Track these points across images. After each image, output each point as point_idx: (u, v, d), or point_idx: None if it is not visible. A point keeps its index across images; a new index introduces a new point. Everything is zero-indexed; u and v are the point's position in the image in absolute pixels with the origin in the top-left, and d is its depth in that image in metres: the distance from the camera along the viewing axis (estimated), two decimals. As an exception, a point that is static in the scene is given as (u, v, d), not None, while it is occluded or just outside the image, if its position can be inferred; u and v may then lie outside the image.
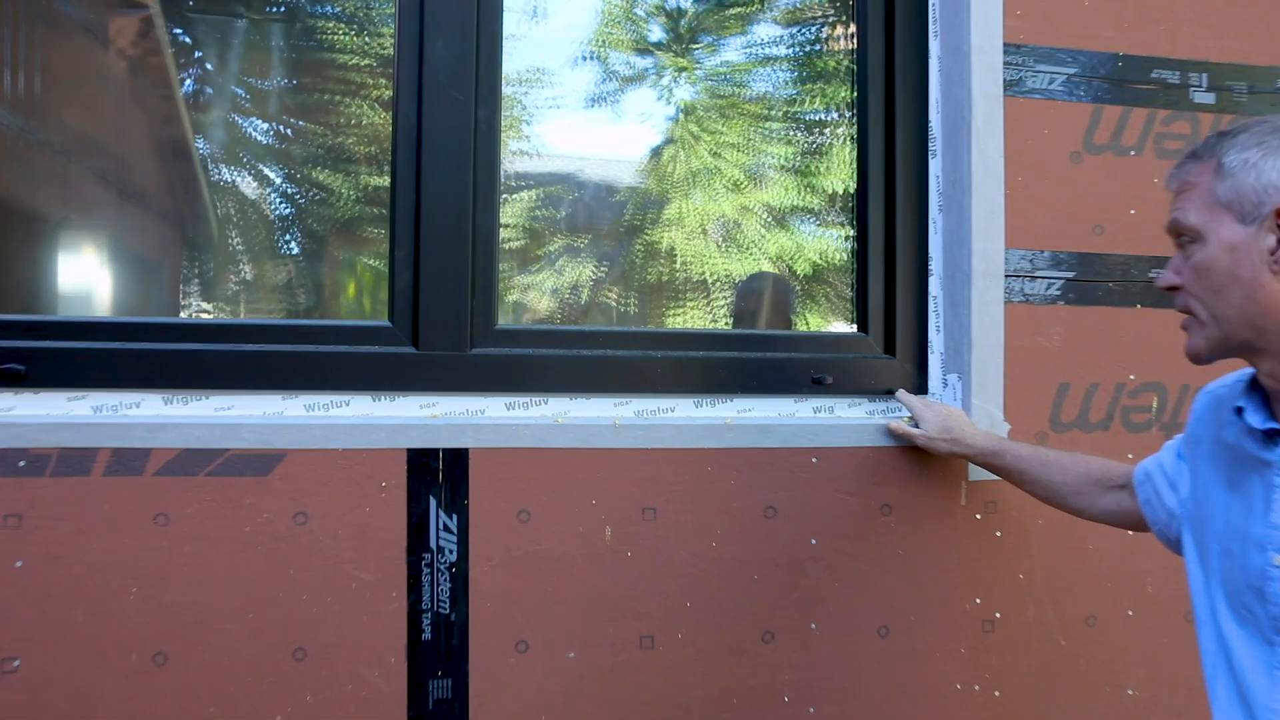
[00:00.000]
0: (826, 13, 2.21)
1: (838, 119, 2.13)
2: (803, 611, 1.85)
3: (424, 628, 1.71)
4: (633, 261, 2.15)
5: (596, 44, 2.16)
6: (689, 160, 2.21)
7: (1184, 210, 1.24)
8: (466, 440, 1.72)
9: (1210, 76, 2.04)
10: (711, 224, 2.18)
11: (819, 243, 2.25)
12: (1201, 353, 1.25)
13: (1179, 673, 2.02)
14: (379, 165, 2.16)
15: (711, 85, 2.28)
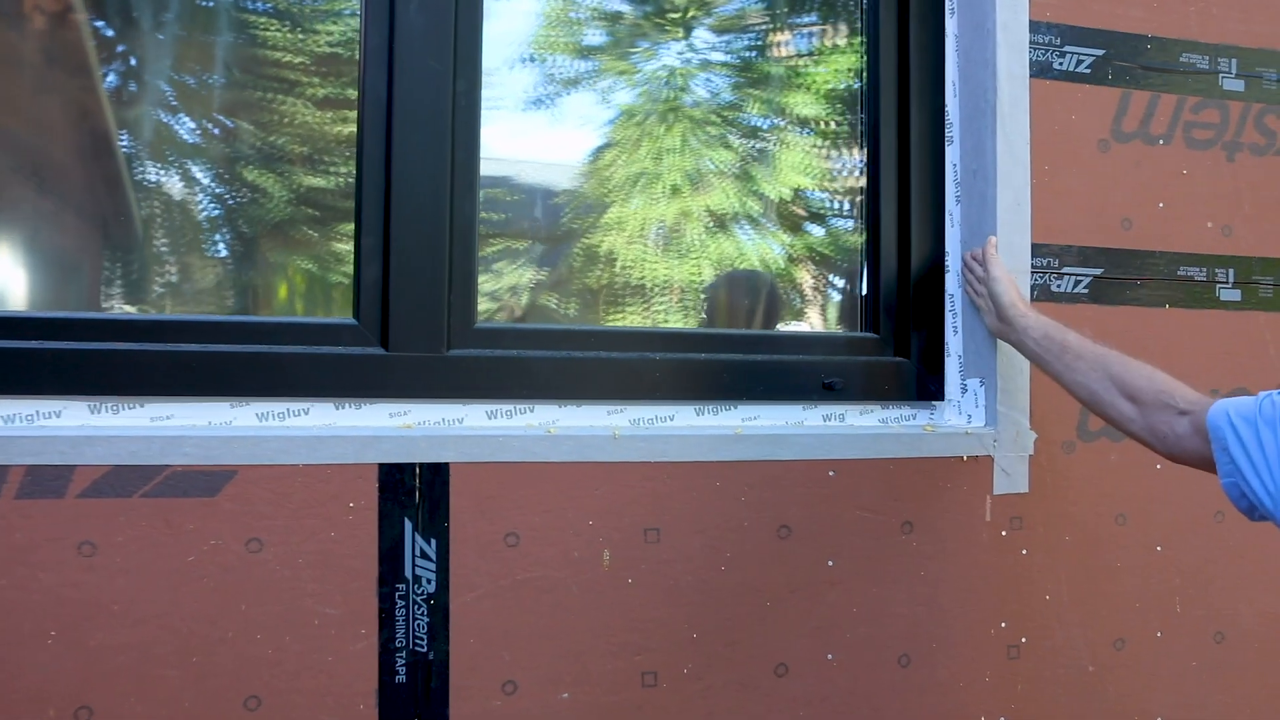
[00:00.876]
0: (766, 18, 2.11)
1: (780, 124, 2.03)
2: (819, 641, 1.67)
3: (398, 669, 1.49)
4: (572, 265, 2.02)
5: (536, 46, 2.05)
6: (629, 164, 2.10)
7: None
8: (447, 454, 1.51)
9: (1240, 62, 1.92)
10: (652, 228, 2.06)
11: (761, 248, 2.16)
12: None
13: (1208, 696, 1.89)
14: (314, 165, 1.98)
15: (651, 89, 2.19)
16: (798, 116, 2.08)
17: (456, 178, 1.63)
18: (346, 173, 1.98)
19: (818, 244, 2.10)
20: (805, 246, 2.08)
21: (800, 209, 2.11)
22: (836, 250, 2.01)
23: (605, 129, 2.17)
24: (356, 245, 1.60)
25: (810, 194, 2.09)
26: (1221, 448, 1.35)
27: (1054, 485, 1.80)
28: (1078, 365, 1.55)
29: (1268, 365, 1.93)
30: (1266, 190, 1.94)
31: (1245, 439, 1.32)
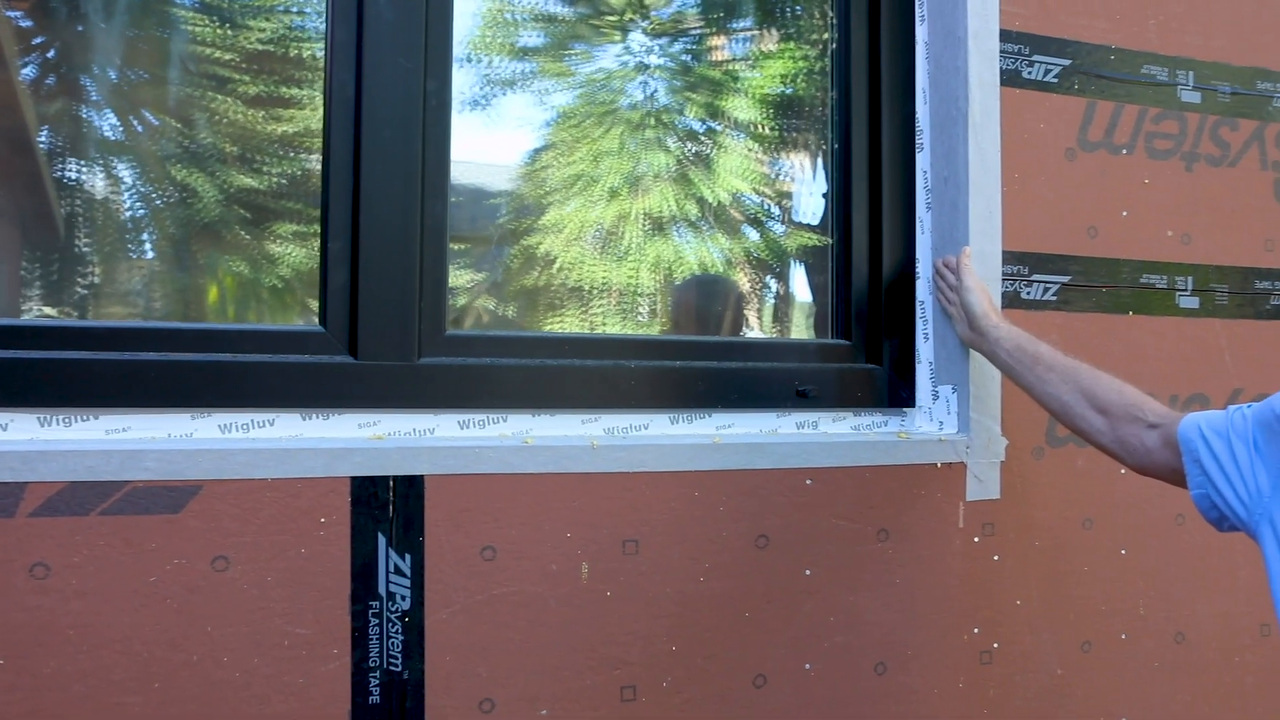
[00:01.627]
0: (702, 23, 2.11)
1: (718, 128, 2.03)
2: (796, 651, 1.66)
3: (371, 689, 1.43)
4: (509, 267, 1.99)
5: (472, 47, 2.02)
6: (566, 166, 2.08)
7: None
8: (421, 465, 1.46)
9: (1196, 75, 1.96)
10: (590, 231, 2.05)
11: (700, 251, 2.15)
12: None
13: (1170, 696, 1.93)
14: (246, 165, 1.91)
15: (588, 92, 2.17)
16: (735, 120, 2.08)
17: (427, 180, 1.59)
18: (280, 173, 1.91)
19: (755, 247, 2.10)
20: (744, 250, 2.07)
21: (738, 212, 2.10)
22: (773, 254, 2.00)
23: (542, 131, 2.14)
24: (323, 250, 1.54)
25: (747, 197, 2.09)
26: (1194, 460, 1.37)
27: (1024, 491, 1.81)
28: (1049, 378, 1.55)
29: (1223, 370, 1.97)
30: (1222, 200, 1.99)
31: (1218, 451, 1.34)
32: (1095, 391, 1.51)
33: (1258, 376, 1.99)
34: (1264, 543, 1.26)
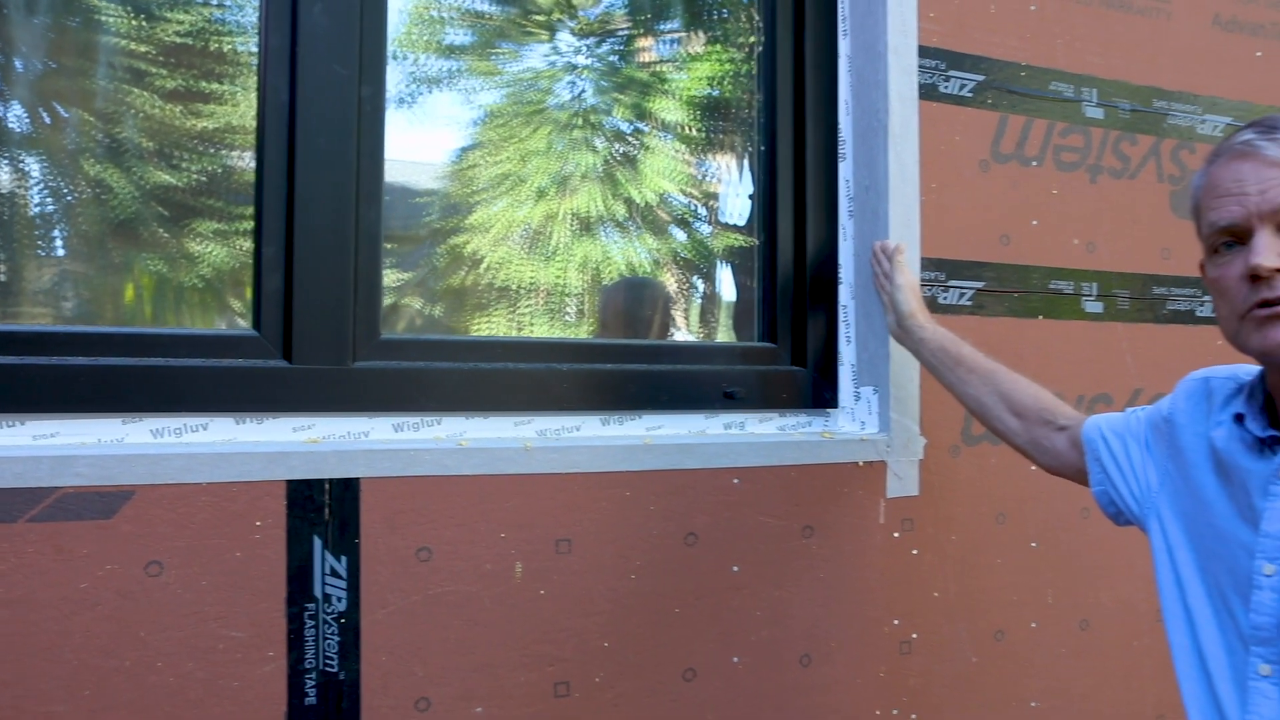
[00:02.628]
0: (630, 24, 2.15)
1: (645, 129, 2.07)
2: (725, 645, 1.71)
3: (307, 690, 1.45)
4: (435, 267, 2.01)
5: (398, 44, 2.02)
6: (493, 166, 2.10)
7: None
8: (357, 469, 1.48)
9: (1100, 92, 2.07)
10: (517, 230, 2.07)
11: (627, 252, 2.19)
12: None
13: (1076, 679, 2.03)
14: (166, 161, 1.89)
15: (515, 91, 2.19)
16: (662, 121, 2.12)
17: (362, 185, 1.60)
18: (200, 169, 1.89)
19: (682, 248, 2.14)
20: (670, 251, 2.12)
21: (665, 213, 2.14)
22: (699, 255, 2.05)
23: (470, 130, 2.15)
24: (256, 255, 1.55)
25: (674, 198, 2.13)
26: (1095, 459, 1.46)
27: (941, 488, 1.89)
28: (969, 379, 1.63)
29: (1125, 372, 2.08)
30: (1123, 211, 2.09)
31: (1115, 451, 1.43)
32: (1012, 395, 1.60)
33: (1157, 377, 2.11)
34: (1152, 535, 1.35)
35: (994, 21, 1.95)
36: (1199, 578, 1.26)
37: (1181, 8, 2.16)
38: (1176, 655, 1.28)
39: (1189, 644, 1.26)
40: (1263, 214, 1.11)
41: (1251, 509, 1.18)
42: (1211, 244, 1.18)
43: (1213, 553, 1.24)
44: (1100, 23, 2.07)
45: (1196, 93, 2.18)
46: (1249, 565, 1.17)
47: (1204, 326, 2.17)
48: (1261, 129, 1.14)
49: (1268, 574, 1.15)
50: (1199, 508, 1.27)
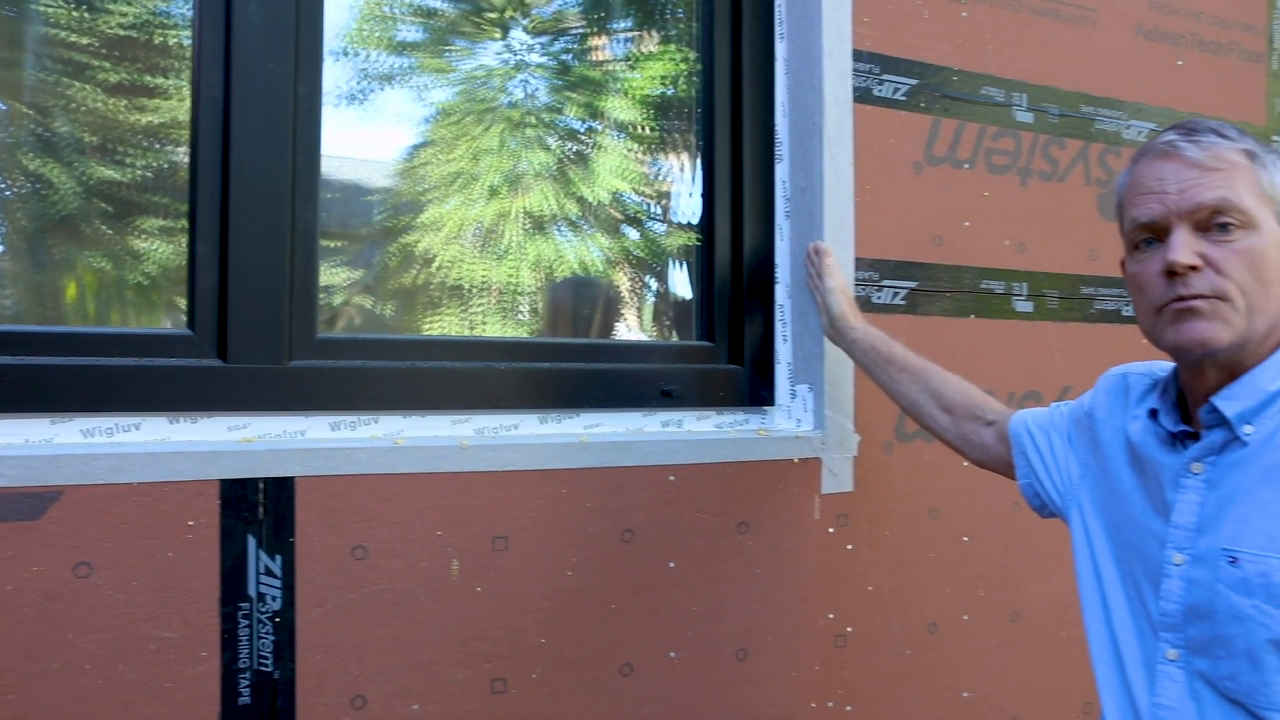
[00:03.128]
0: (585, 22, 2.16)
1: (598, 128, 2.09)
2: (661, 640, 1.73)
3: (241, 690, 1.44)
4: (387, 265, 2.00)
5: (349, 40, 2.02)
6: (446, 164, 2.10)
7: (1234, 190, 1.14)
8: (293, 468, 1.48)
9: (1030, 97, 2.12)
10: (469, 229, 2.08)
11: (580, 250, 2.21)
12: (1222, 342, 1.14)
13: (1007, 670, 2.08)
14: (109, 156, 1.87)
15: (468, 89, 2.19)
16: (616, 120, 2.13)
17: (298, 184, 1.60)
18: (144, 165, 1.86)
19: (635, 247, 2.16)
20: (623, 249, 2.13)
21: (618, 211, 2.15)
22: (652, 253, 2.07)
23: (421, 127, 2.14)
24: (190, 253, 1.54)
25: (627, 197, 2.14)
26: (1021, 453, 1.50)
27: (875, 484, 1.93)
28: (901, 378, 1.67)
29: (1055, 369, 2.14)
30: (1053, 212, 2.15)
31: (1040, 445, 1.48)
32: (942, 392, 1.64)
33: (1085, 375, 2.15)
34: (1073, 526, 1.40)
35: (927, 27, 1.99)
36: (1115, 567, 1.30)
37: (1107, 17, 2.23)
38: (1092, 641, 1.33)
39: (1104, 630, 1.31)
40: (1181, 213, 1.15)
41: (1164, 501, 1.22)
42: (1132, 240, 1.22)
43: (1128, 543, 1.28)
44: (1030, 30, 2.12)
45: (1122, 99, 2.24)
46: (1160, 555, 1.22)
47: (1130, 325, 2.23)
48: (1184, 131, 1.18)
49: (1177, 563, 1.19)
50: (1116, 499, 1.32)
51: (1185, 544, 1.19)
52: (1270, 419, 1.15)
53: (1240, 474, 1.15)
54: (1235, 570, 1.13)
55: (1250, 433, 1.15)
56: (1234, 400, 1.16)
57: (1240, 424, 1.15)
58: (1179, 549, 1.20)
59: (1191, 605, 1.17)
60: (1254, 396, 1.15)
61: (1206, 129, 1.17)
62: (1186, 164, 1.16)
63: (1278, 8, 2.49)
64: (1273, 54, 2.48)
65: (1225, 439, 1.17)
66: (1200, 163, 1.15)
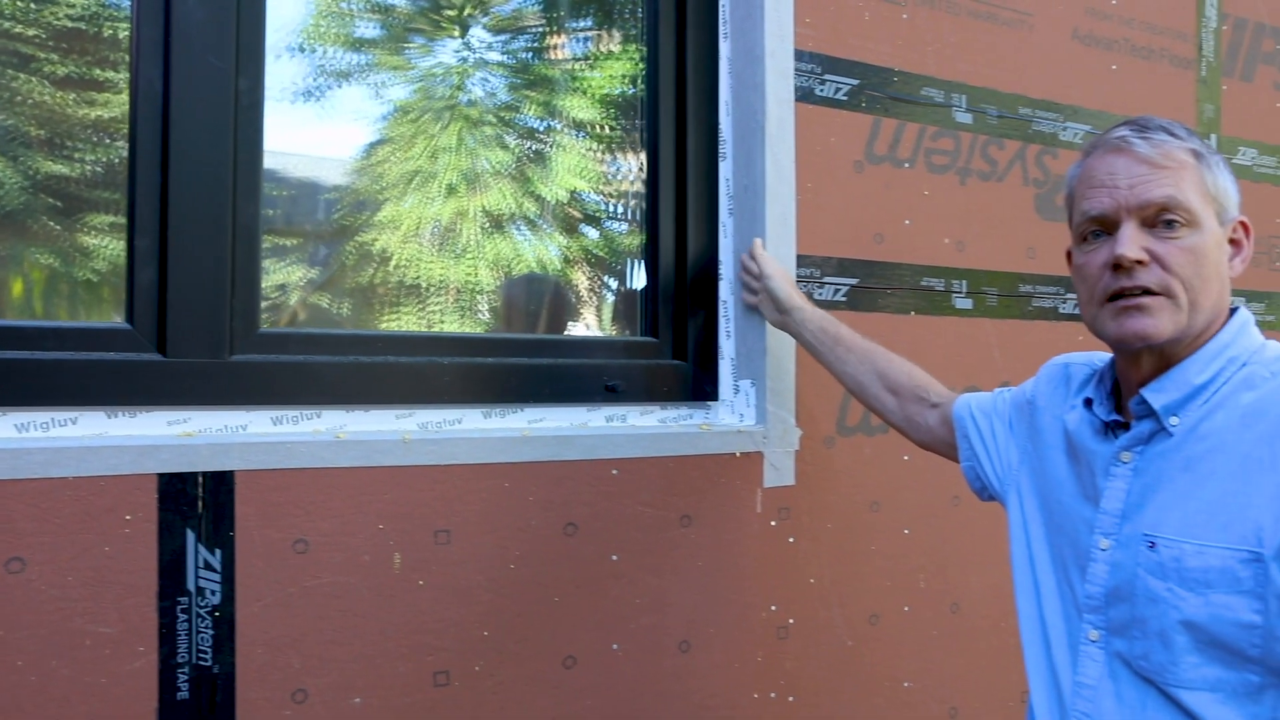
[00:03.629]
0: (544, 20, 2.17)
1: (557, 127, 2.10)
2: (604, 632, 1.75)
3: (179, 685, 1.44)
4: (344, 264, 2.00)
5: (306, 36, 2.01)
6: (403, 162, 2.10)
7: (1181, 189, 1.18)
8: (232, 462, 1.47)
9: (969, 98, 2.16)
10: (427, 227, 2.08)
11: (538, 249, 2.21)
12: (1164, 335, 1.18)
13: (947, 660, 2.12)
14: (55, 150, 1.85)
15: (426, 86, 2.19)
16: (574, 119, 2.14)
17: (239, 178, 1.59)
18: (94, 160, 1.84)
19: (594, 246, 2.17)
20: (582, 248, 2.14)
21: (577, 210, 2.16)
22: (611, 252, 2.09)
23: (379, 125, 2.13)
24: (129, 247, 1.53)
25: (586, 196, 2.15)
26: (964, 436, 1.54)
27: (817, 478, 1.96)
28: (848, 359, 1.71)
29: (993, 365, 2.18)
30: (991, 211, 2.20)
31: (982, 429, 1.52)
32: (888, 373, 1.68)
33: (1022, 371, 2.20)
34: (1010, 510, 1.44)
35: (868, 28, 2.03)
36: (1047, 551, 1.34)
37: (1043, 21, 2.28)
38: (1023, 623, 1.37)
39: (1035, 612, 1.35)
40: (1130, 207, 1.19)
41: (1095, 488, 1.27)
42: (1081, 232, 1.25)
43: (1060, 528, 1.32)
44: (969, 32, 2.16)
45: (1059, 101, 2.30)
46: (1089, 540, 1.26)
47: (1066, 322, 2.29)
48: (1136, 127, 1.22)
49: (1103, 548, 1.24)
50: (1051, 486, 1.36)
51: (1111, 530, 1.23)
52: (1194, 411, 1.19)
53: (1164, 463, 1.20)
54: (1153, 555, 1.17)
55: (1176, 424, 1.19)
56: (1162, 392, 1.20)
57: (1167, 415, 1.20)
58: (1105, 534, 1.24)
59: (1113, 588, 1.22)
60: (1181, 389, 1.19)
61: (1158, 126, 1.21)
62: (1138, 160, 1.19)
63: (1206, 17, 2.56)
64: (1201, 61, 2.55)
65: (1153, 429, 1.21)
66: (1151, 160, 1.18)
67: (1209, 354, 1.19)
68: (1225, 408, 1.17)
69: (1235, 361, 1.18)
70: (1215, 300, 1.19)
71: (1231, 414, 1.16)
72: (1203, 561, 1.13)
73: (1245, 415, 1.15)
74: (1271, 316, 2.66)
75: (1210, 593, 1.12)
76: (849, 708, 2.00)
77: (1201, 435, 1.17)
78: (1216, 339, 1.20)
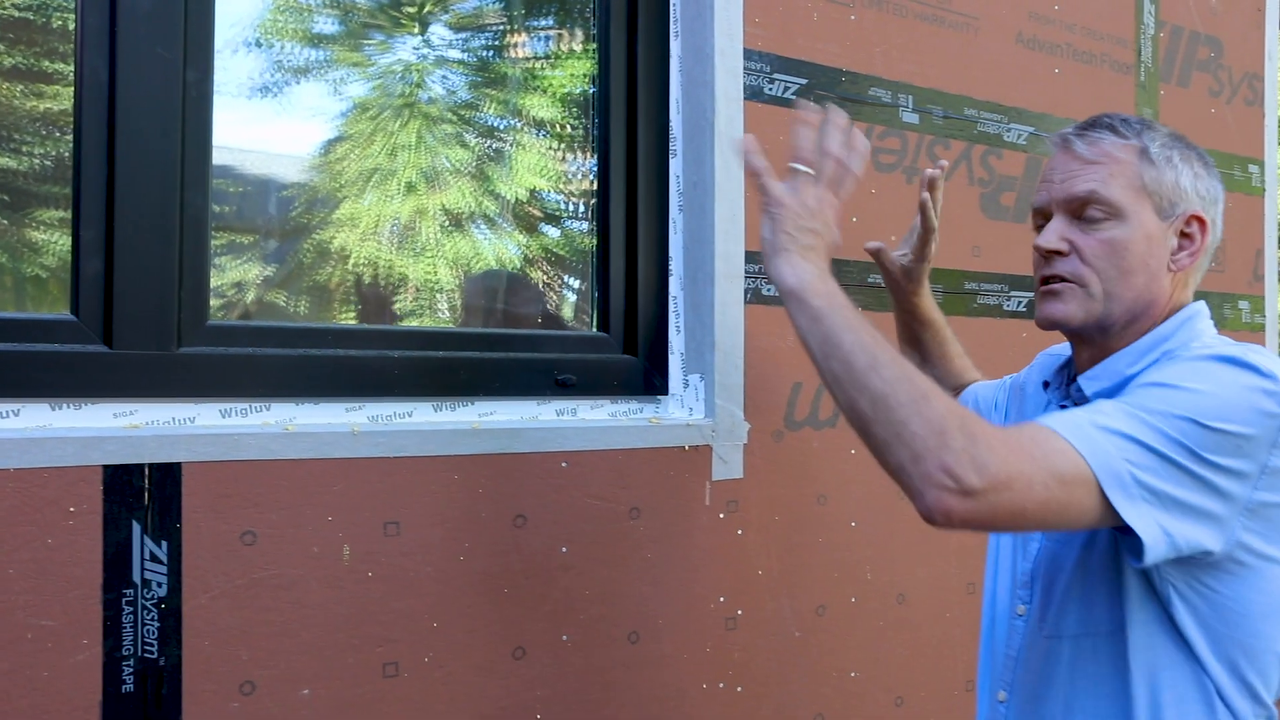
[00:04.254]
0: (504, 19, 2.19)
1: (516, 125, 2.11)
2: (554, 624, 1.77)
3: (124, 678, 1.43)
4: (302, 261, 2.00)
5: (263, 31, 2.00)
6: (362, 159, 2.10)
7: (1106, 184, 1.22)
8: (179, 453, 1.47)
9: (915, 99, 2.21)
10: (386, 225, 2.08)
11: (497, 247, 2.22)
12: (1074, 322, 1.24)
13: (892, 652, 2.16)
14: (3, 143, 1.84)
15: (385, 83, 2.19)
16: (535, 118, 2.15)
17: (187, 170, 1.59)
18: (43, 154, 1.82)
19: (554, 244, 2.18)
20: (541, 247, 2.16)
21: (537, 209, 2.17)
22: (571, 251, 2.10)
23: (337, 122, 2.13)
24: (75, 238, 1.52)
25: (546, 195, 2.16)
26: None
27: (765, 471, 1.99)
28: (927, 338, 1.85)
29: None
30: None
31: (983, 413, 1.58)
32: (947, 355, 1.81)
33: (967, 367, 2.26)
34: None
35: (816, 29, 2.06)
36: (1010, 535, 1.40)
37: (988, 24, 2.33)
38: (984, 601, 1.43)
39: (990, 590, 1.42)
40: (1059, 201, 1.26)
41: None
42: (1033, 222, 1.33)
43: None
44: (915, 34, 2.21)
45: (1003, 103, 2.35)
46: None
47: (1010, 319, 2.34)
48: (1081, 127, 1.28)
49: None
50: None
51: None
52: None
53: None
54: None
55: None
56: (1095, 380, 1.26)
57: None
58: None
59: (1039, 563, 1.29)
60: (1111, 379, 1.24)
61: (1105, 125, 1.26)
62: (1072, 157, 1.26)
63: (1144, 24, 2.63)
64: (1140, 66, 2.62)
65: None
66: (1082, 156, 1.24)
67: (1143, 346, 1.24)
68: None
69: (1168, 354, 1.23)
70: (1140, 292, 1.23)
71: None
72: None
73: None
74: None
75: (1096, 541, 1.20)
76: (796, 698, 2.03)
77: None
78: (1155, 332, 1.25)
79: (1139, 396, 1.12)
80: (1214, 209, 1.27)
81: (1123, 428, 1.07)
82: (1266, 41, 2.94)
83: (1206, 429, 1.07)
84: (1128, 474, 1.05)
